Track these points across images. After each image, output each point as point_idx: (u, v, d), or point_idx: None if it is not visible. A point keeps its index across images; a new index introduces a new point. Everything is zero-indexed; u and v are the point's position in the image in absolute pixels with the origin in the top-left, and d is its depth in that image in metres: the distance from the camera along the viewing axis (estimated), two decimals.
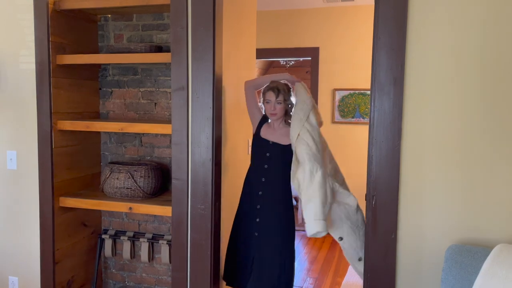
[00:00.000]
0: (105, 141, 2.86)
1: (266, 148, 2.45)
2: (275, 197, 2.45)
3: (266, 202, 2.44)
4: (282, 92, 2.39)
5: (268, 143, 2.46)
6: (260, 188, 2.45)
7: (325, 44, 4.94)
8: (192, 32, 2.17)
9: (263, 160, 2.46)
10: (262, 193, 2.45)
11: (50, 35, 2.40)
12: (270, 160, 2.45)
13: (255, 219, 2.45)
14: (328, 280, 3.68)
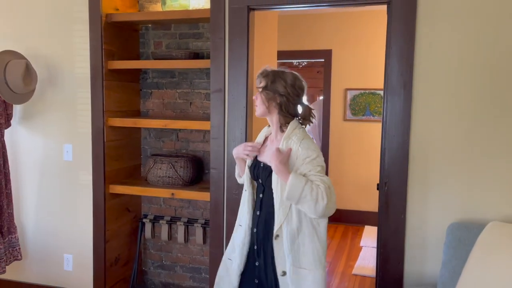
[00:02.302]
0: (145, 136, 3.22)
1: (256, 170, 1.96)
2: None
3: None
4: (261, 77, 1.88)
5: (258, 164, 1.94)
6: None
7: (337, 47, 5.26)
8: (229, 42, 2.52)
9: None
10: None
11: (103, 43, 2.76)
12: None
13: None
14: (341, 264, 4.02)
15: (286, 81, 1.83)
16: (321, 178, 1.72)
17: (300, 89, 1.87)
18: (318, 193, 1.67)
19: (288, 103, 1.83)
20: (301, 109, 1.88)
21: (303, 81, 1.90)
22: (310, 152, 1.77)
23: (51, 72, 2.89)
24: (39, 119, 2.96)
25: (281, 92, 1.82)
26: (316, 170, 1.74)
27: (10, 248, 2.91)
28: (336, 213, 5.69)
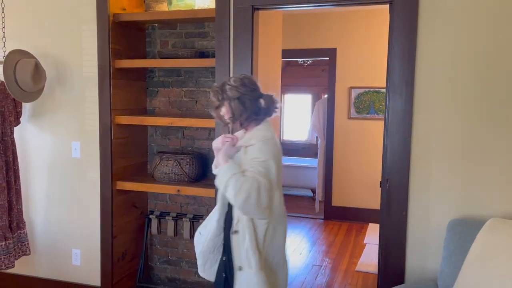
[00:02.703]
0: (152, 134, 3.27)
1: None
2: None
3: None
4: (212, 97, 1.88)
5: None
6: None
7: (342, 45, 5.29)
8: (234, 41, 2.57)
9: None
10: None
11: (110, 43, 2.81)
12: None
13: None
14: (345, 260, 4.06)
15: (232, 84, 1.81)
16: (256, 176, 1.67)
17: (252, 83, 1.84)
18: (242, 186, 1.63)
19: (244, 104, 1.79)
20: (263, 101, 1.84)
21: (251, 77, 1.89)
22: (260, 154, 1.75)
23: (59, 71, 2.95)
24: (48, 117, 3.02)
25: (235, 96, 1.79)
26: (256, 168, 1.71)
27: (19, 243, 2.97)
28: (341, 211, 5.73)
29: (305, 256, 4.20)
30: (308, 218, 5.57)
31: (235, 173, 1.68)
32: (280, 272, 1.88)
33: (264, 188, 1.65)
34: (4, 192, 2.82)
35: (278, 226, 1.84)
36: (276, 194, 1.78)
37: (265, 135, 1.81)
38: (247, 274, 1.78)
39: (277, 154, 1.80)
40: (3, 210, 2.82)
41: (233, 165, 1.73)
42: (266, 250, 1.80)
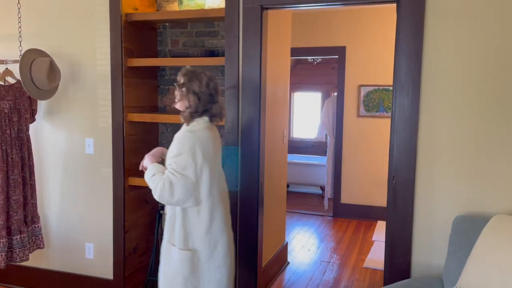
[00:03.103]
0: (163, 131, 3.34)
1: None
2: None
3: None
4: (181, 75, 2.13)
5: None
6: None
7: (351, 44, 5.31)
8: (243, 40, 2.61)
9: None
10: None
11: (122, 42, 2.88)
12: None
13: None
14: (353, 257, 4.10)
15: (201, 81, 2.05)
16: (168, 174, 1.98)
17: (214, 89, 2.10)
18: (156, 187, 1.98)
19: (199, 102, 2.05)
20: (214, 107, 2.10)
21: (217, 84, 2.13)
22: (175, 149, 2.02)
23: (73, 70, 3.02)
24: (62, 114, 3.10)
25: (195, 90, 2.05)
26: (171, 166, 1.99)
27: (33, 237, 3.06)
28: (349, 208, 5.77)
29: (314, 253, 4.24)
30: (317, 215, 5.60)
31: (153, 174, 2.03)
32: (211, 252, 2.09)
33: (177, 183, 1.95)
34: (19, 187, 2.91)
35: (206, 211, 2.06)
36: (203, 182, 2.02)
37: (188, 129, 2.06)
38: (170, 247, 2.09)
39: (193, 146, 1.99)
40: (18, 204, 2.91)
41: (153, 167, 2.07)
42: (186, 227, 2.06)
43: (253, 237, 2.74)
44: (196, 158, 1.99)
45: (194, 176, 1.99)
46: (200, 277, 2.09)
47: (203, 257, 2.07)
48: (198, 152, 1.99)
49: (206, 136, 2.06)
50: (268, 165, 3.12)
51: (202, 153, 2.01)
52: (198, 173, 2.01)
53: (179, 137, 2.05)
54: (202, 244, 2.06)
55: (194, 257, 2.05)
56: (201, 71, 2.13)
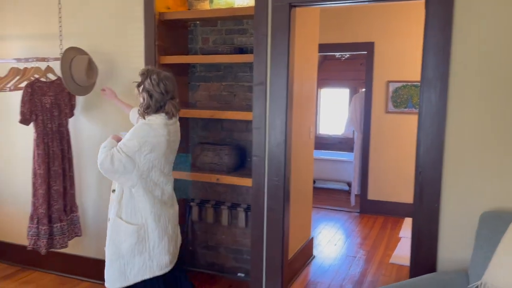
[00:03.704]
0: (193, 126, 3.45)
1: None
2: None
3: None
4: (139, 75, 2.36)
5: None
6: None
7: (380, 39, 5.28)
8: (272, 38, 2.68)
9: None
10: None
11: (156, 40, 3.00)
12: None
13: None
14: (379, 252, 4.11)
15: (153, 80, 2.29)
16: (114, 149, 2.25)
17: (165, 90, 2.31)
18: (102, 154, 2.26)
19: (150, 100, 2.29)
20: (166, 105, 2.33)
21: (171, 84, 2.35)
22: (129, 135, 2.28)
23: (109, 67, 3.17)
24: (98, 109, 3.26)
25: (148, 89, 2.29)
26: (120, 146, 2.25)
27: (71, 225, 3.24)
28: (376, 205, 5.75)
29: (340, 247, 4.28)
30: (344, 211, 5.62)
31: (104, 146, 2.30)
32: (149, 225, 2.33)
33: (117, 159, 2.22)
34: (59, 178, 3.08)
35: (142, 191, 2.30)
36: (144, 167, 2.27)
37: (145, 122, 2.31)
38: (117, 221, 2.34)
39: (146, 136, 2.25)
40: (59, 194, 3.09)
41: (107, 141, 2.35)
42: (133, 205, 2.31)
43: (279, 230, 2.81)
44: (144, 148, 2.24)
45: (137, 160, 2.24)
46: (145, 243, 2.33)
47: (149, 228, 2.33)
48: (147, 143, 2.24)
49: (160, 131, 2.29)
50: (294, 161, 3.18)
51: (152, 145, 2.25)
52: (142, 160, 2.25)
53: (136, 126, 2.33)
54: (147, 218, 2.32)
55: (140, 230, 2.32)
56: (158, 71, 2.36)
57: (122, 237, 2.33)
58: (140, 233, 2.32)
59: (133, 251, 2.32)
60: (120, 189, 2.35)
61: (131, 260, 2.33)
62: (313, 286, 3.40)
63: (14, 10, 3.40)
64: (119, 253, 2.35)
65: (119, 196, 2.35)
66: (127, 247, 2.32)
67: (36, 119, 2.94)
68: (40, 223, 3.01)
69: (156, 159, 2.30)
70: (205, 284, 3.33)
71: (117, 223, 2.35)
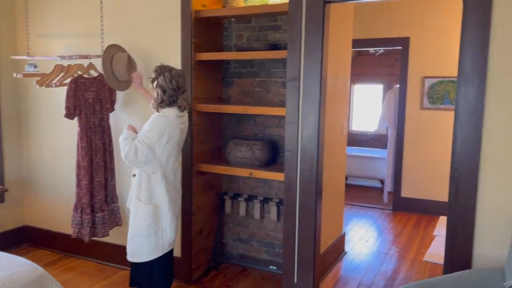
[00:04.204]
0: (227, 121, 3.53)
1: None
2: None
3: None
4: (153, 71, 2.59)
5: None
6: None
7: (415, 34, 5.19)
8: (305, 34, 2.71)
9: None
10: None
11: (192, 37, 3.09)
12: None
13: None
14: (412, 250, 4.07)
15: (167, 77, 2.52)
16: (137, 142, 2.49)
17: (177, 86, 2.54)
18: (125, 146, 2.49)
19: (164, 95, 2.53)
20: (179, 99, 2.57)
21: (182, 80, 2.57)
22: (148, 127, 2.52)
23: (147, 63, 3.28)
24: (136, 104, 3.38)
25: (161, 85, 2.52)
26: (141, 138, 2.50)
27: (112, 215, 3.39)
28: (410, 202, 5.68)
29: (372, 244, 4.26)
30: (376, 208, 5.58)
31: (125, 138, 2.53)
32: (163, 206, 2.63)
33: (140, 151, 2.47)
34: (101, 170, 3.23)
35: (161, 177, 2.58)
36: (163, 156, 2.54)
37: (161, 114, 2.54)
38: (137, 202, 2.62)
39: (163, 128, 2.51)
40: (100, 185, 3.24)
41: (126, 133, 2.58)
42: (151, 189, 2.60)
43: (311, 225, 2.84)
44: (162, 138, 2.50)
45: (157, 150, 2.51)
46: (159, 224, 2.63)
47: (162, 210, 2.62)
48: (165, 134, 2.50)
49: (174, 122, 2.55)
50: (327, 156, 3.19)
51: (168, 135, 2.52)
52: (161, 149, 2.52)
53: (153, 118, 2.55)
54: (162, 200, 2.61)
55: (156, 210, 2.60)
56: (171, 68, 2.58)
57: (141, 217, 2.60)
58: (156, 213, 2.61)
59: (150, 230, 2.60)
60: (139, 175, 2.60)
61: (148, 239, 2.61)
62: (344, 281, 3.42)
63: (60, 9, 3.58)
64: (138, 232, 2.63)
65: (139, 181, 2.60)
66: (145, 227, 2.60)
67: (80, 114, 3.10)
68: (83, 212, 3.17)
69: (173, 148, 2.58)
70: (237, 276, 3.41)
71: (138, 204, 2.62)
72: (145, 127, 2.56)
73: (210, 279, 3.36)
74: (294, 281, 2.91)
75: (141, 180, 2.60)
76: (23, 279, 2.03)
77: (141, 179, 2.60)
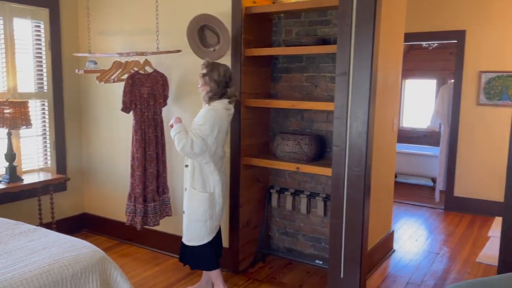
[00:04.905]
0: (274, 116, 3.57)
1: None
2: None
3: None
4: (203, 66, 2.76)
5: None
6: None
7: (472, 27, 4.96)
8: (356, 28, 2.68)
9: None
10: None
11: (242, 33, 3.15)
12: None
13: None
14: (465, 250, 3.92)
15: (219, 71, 2.72)
16: (192, 135, 2.67)
17: (229, 78, 2.77)
18: (180, 141, 2.66)
19: (217, 88, 2.72)
20: (229, 91, 2.78)
21: (231, 73, 2.80)
22: (201, 120, 2.70)
23: (198, 60, 3.37)
24: (188, 99, 3.50)
25: (215, 79, 2.71)
26: (195, 131, 2.68)
27: (163, 205, 3.54)
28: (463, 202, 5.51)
29: (422, 243, 4.16)
30: (427, 207, 5.42)
31: (179, 132, 2.70)
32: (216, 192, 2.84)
33: (196, 144, 2.65)
34: (154, 162, 3.38)
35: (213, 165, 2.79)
36: (213, 146, 2.73)
37: (211, 108, 2.72)
38: (192, 191, 2.81)
39: (214, 121, 2.69)
40: (153, 176, 3.39)
41: (179, 126, 2.73)
42: (204, 178, 2.79)
43: (359, 221, 2.82)
44: (214, 130, 2.69)
45: (209, 142, 2.70)
46: (213, 209, 2.83)
47: (216, 196, 2.83)
48: (216, 126, 2.69)
49: (223, 114, 2.74)
50: (376, 152, 3.15)
51: (218, 127, 2.71)
52: (213, 141, 2.71)
53: (205, 112, 2.72)
54: (215, 187, 2.81)
55: (210, 196, 2.80)
56: (219, 63, 2.78)
57: (197, 204, 2.80)
58: (211, 199, 2.81)
59: (205, 216, 2.80)
60: (192, 165, 2.79)
61: (204, 224, 2.81)
62: (392, 279, 3.36)
63: (119, 7, 3.77)
64: (196, 218, 2.81)
65: (192, 171, 2.80)
66: (202, 213, 2.80)
67: (135, 108, 3.26)
68: (136, 201, 3.34)
69: (221, 138, 2.79)
70: (283, 269, 3.46)
71: (192, 192, 2.81)
72: (197, 121, 2.73)
73: (257, 270, 3.43)
74: (340, 276, 2.91)
75: (194, 170, 2.79)
76: (86, 260, 2.18)
77: (193, 169, 2.79)
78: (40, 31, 3.80)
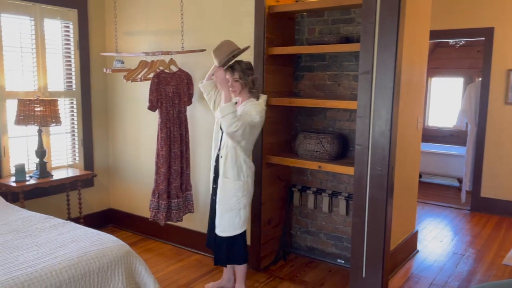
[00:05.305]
0: (297, 114, 3.58)
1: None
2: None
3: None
4: (236, 70, 2.75)
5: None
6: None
7: (501, 24, 4.84)
8: (379, 26, 2.66)
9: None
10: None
11: (265, 32, 3.17)
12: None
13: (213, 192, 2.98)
14: (491, 252, 3.84)
15: (248, 66, 2.80)
16: (246, 125, 2.69)
17: (252, 71, 2.83)
18: (234, 123, 2.65)
19: (246, 79, 2.78)
20: (252, 81, 2.82)
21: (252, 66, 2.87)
22: (251, 110, 2.75)
23: None
24: None
25: (246, 72, 2.77)
26: (245, 118, 2.71)
27: (186, 202, 3.60)
28: (490, 203, 5.42)
29: (446, 244, 4.09)
30: (452, 208, 5.31)
31: (233, 111, 2.69)
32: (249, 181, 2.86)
33: (247, 132, 2.71)
34: (178, 159, 3.45)
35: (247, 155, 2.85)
36: (251, 138, 2.79)
37: (258, 102, 2.81)
38: (224, 180, 2.81)
39: (259, 112, 2.75)
40: (177, 173, 3.46)
41: (229, 107, 2.70)
42: (239, 166, 2.80)
43: (381, 220, 2.80)
44: (260, 123, 2.78)
45: (252, 130, 2.75)
46: (248, 198, 2.86)
47: (249, 185, 2.85)
48: (259, 117, 2.75)
49: (263, 108, 2.82)
50: (399, 151, 3.12)
51: (261, 119, 2.77)
52: (253, 130, 2.76)
53: (253, 106, 2.77)
54: (248, 176, 2.84)
55: (244, 185, 2.82)
56: (239, 60, 2.81)
57: (231, 193, 2.81)
58: (245, 188, 2.83)
59: (240, 204, 2.81)
60: (225, 155, 2.81)
61: (238, 213, 2.82)
62: (416, 280, 3.33)
63: (145, 8, 3.85)
64: (230, 207, 2.81)
65: (225, 160, 2.81)
66: (236, 201, 2.81)
67: (161, 106, 3.32)
68: (160, 197, 3.41)
69: (258, 131, 2.85)
70: (305, 267, 3.46)
71: (225, 181, 2.82)
72: (247, 110, 2.75)
73: (278, 268, 3.45)
74: (362, 276, 2.90)
75: (227, 158, 2.80)
76: (112, 254, 2.25)
77: (227, 158, 2.80)
78: (69, 31, 3.92)
